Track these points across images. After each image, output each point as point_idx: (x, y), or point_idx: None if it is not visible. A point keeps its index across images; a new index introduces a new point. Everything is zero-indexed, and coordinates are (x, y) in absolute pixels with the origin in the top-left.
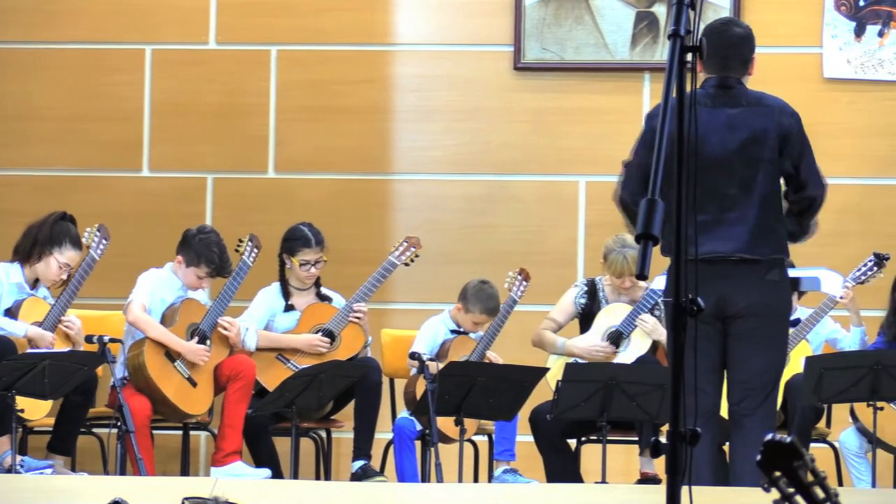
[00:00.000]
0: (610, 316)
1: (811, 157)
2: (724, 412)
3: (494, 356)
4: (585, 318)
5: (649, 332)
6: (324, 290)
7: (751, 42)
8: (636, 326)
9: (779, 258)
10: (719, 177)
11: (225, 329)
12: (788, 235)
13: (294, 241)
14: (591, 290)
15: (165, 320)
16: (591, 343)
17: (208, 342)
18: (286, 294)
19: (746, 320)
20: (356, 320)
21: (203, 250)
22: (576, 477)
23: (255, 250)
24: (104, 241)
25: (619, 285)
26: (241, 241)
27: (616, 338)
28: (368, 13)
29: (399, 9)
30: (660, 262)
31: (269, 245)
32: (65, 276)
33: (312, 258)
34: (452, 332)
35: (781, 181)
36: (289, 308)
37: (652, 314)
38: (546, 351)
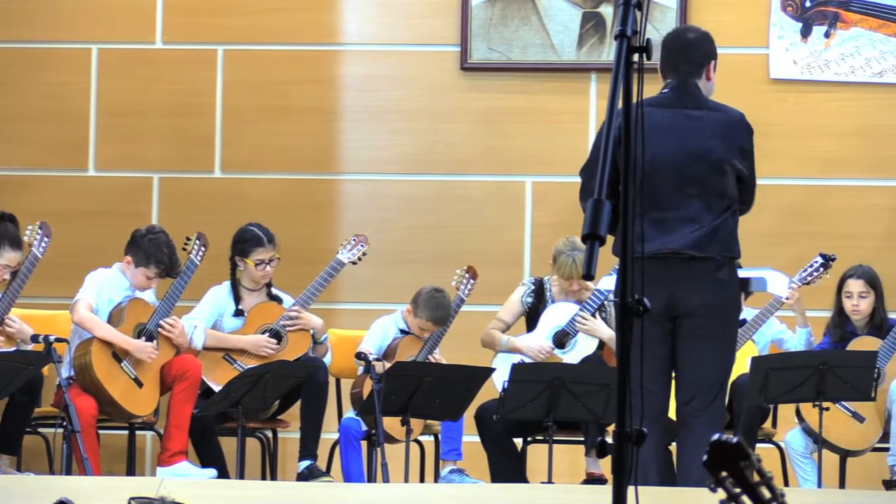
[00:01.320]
0: (556, 315)
1: (753, 166)
2: (671, 412)
3: (438, 358)
4: (531, 316)
5: (588, 331)
6: (274, 291)
7: (704, 46)
8: None
9: (729, 257)
10: (672, 176)
11: (168, 329)
12: None
13: (246, 242)
14: (538, 290)
15: (112, 320)
16: (535, 343)
17: (155, 341)
18: (237, 298)
19: (696, 319)
20: (290, 324)
21: (152, 251)
22: (521, 477)
23: (203, 249)
24: (46, 239)
25: (567, 288)
26: (188, 239)
27: (562, 338)
28: (316, 13)
29: (346, 9)
30: (607, 262)
31: (217, 245)
32: (7, 277)
33: (266, 257)
34: (402, 331)
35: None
36: (238, 313)
37: (599, 314)
38: (491, 349)
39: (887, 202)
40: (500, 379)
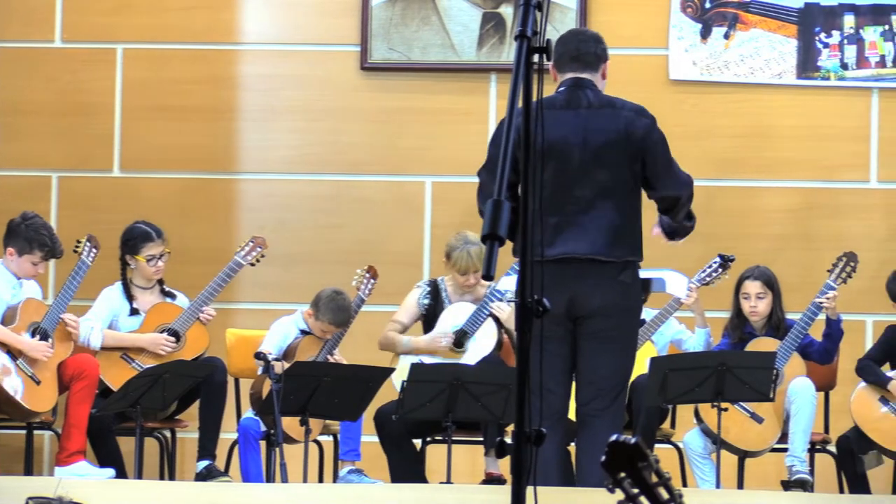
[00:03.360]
0: (454, 315)
1: (670, 158)
2: (570, 413)
3: (338, 358)
4: (429, 319)
5: (505, 320)
6: (168, 289)
7: (599, 42)
8: (480, 325)
9: (632, 260)
10: (573, 178)
11: (71, 327)
12: (667, 234)
13: (135, 239)
14: (434, 291)
15: (6, 321)
16: (433, 334)
17: (50, 340)
18: (130, 297)
19: (598, 321)
20: (207, 317)
21: (32, 235)
22: (420, 477)
23: (94, 250)
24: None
25: (463, 283)
26: (79, 241)
27: (460, 337)
28: (215, 12)
29: (246, 8)
30: (505, 262)
31: (117, 243)
32: None
33: (157, 251)
34: (302, 332)
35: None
36: (133, 312)
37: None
38: (393, 352)
39: (785, 203)
40: (399, 379)
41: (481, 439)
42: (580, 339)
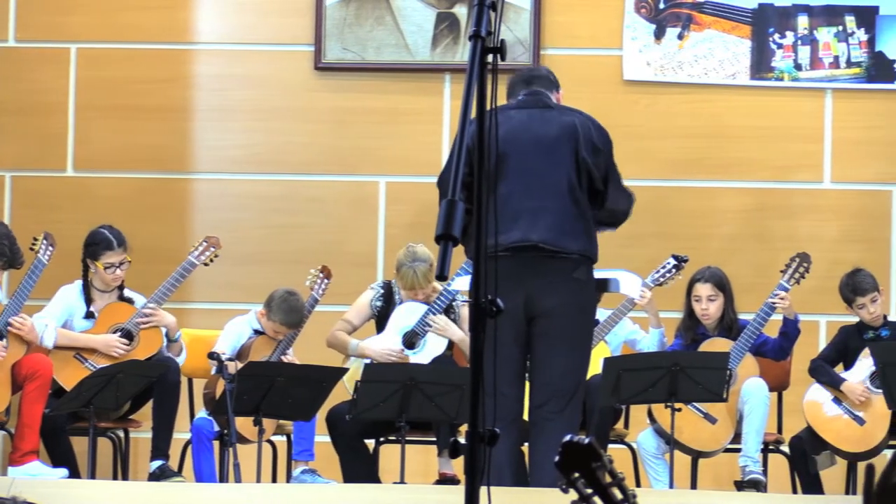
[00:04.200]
0: (405, 316)
1: (615, 171)
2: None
3: (292, 357)
4: (381, 320)
5: (441, 332)
6: (127, 293)
7: (551, 76)
8: (431, 327)
9: (586, 256)
10: (531, 170)
11: (18, 326)
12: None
13: (96, 245)
14: (388, 293)
15: None
16: (385, 346)
17: (4, 340)
18: (88, 299)
19: (552, 320)
20: (143, 321)
21: None
22: (374, 477)
23: (50, 248)
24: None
25: (411, 296)
26: (35, 239)
27: (411, 338)
28: (169, 12)
29: (199, 8)
30: (456, 262)
31: (71, 244)
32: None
33: (116, 260)
34: (256, 332)
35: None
36: (89, 315)
37: (447, 314)
38: (339, 352)
39: (737, 203)
40: (351, 380)
41: (435, 439)
42: (534, 338)
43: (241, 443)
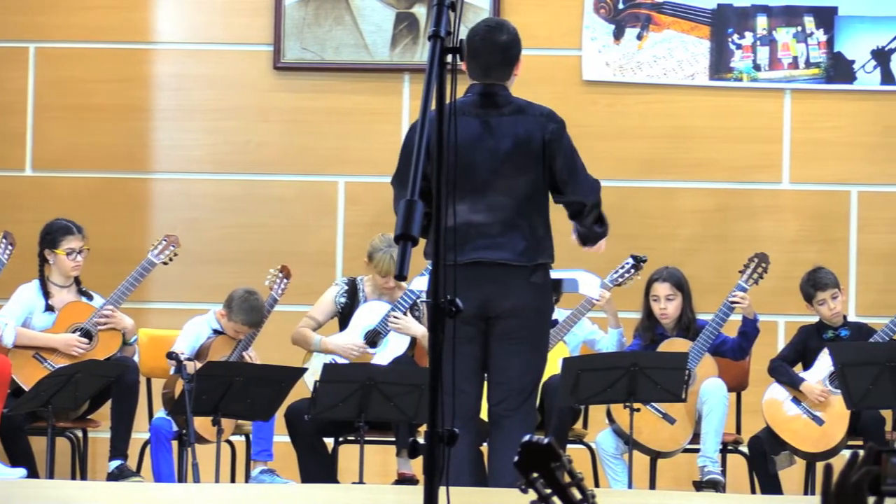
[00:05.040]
0: (367, 314)
1: (577, 163)
2: (483, 413)
3: (252, 356)
4: (345, 317)
5: (401, 329)
6: (85, 290)
7: (516, 47)
8: None
9: (543, 262)
10: (485, 183)
11: None
12: (580, 239)
13: (54, 233)
14: (352, 290)
15: None
16: (347, 341)
17: None
18: (46, 293)
19: (509, 321)
20: (102, 322)
21: None
22: (332, 477)
23: (10, 247)
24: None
25: (383, 284)
26: None
27: (373, 337)
28: (128, 11)
29: (158, 7)
30: (420, 262)
31: (30, 243)
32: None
33: (77, 246)
34: (215, 332)
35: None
36: (48, 308)
37: (412, 314)
38: (303, 348)
39: (697, 204)
40: (312, 378)
41: (393, 439)
42: (491, 339)
43: (199, 443)
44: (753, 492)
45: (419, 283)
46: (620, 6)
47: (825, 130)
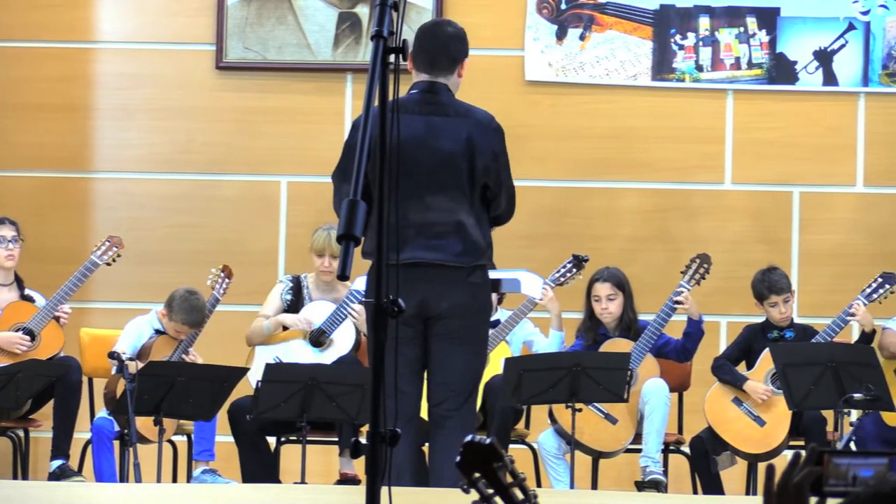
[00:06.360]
0: (313, 313)
1: (507, 175)
2: (424, 413)
3: (194, 356)
4: (291, 314)
5: (361, 324)
6: (28, 292)
7: (461, 43)
8: (339, 326)
9: (481, 263)
10: (424, 184)
11: None
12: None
13: None
14: (297, 287)
15: None
16: (300, 316)
17: None
18: None
19: (448, 321)
20: (63, 317)
21: None
22: (274, 477)
23: None
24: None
25: (319, 266)
26: None
27: (318, 336)
28: (70, 10)
29: (101, 7)
30: (362, 263)
31: None
32: None
33: (9, 234)
34: (157, 332)
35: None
36: None
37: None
38: (258, 340)
39: (639, 204)
40: (254, 378)
41: (336, 439)
42: (431, 340)
43: (141, 442)
44: (695, 492)
45: (361, 282)
46: (563, 6)
47: (767, 131)
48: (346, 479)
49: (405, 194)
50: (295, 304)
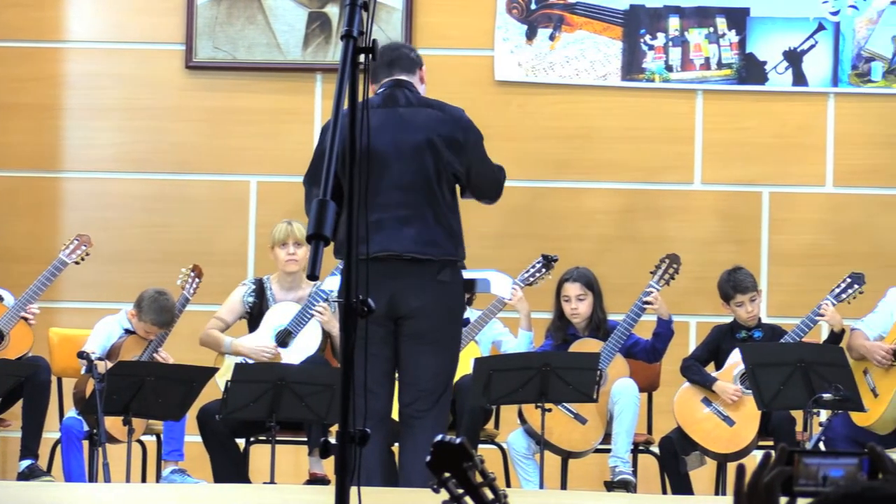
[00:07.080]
0: (278, 315)
1: (482, 161)
2: (394, 413)
3: (165, 355)
4: (254, 317)
5: (325, 323)
6: None
7: (412, 53)
8: (304, 326)
9: (451, 259)
10: (393, 176)
11: None
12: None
13: None
14: (259, 289)
15: None
16: (258, 343)
17: None
18: None
19: (418, 321)
20: (30, 317)
21: None
22: (244, 477)
23: None
24: None
25: (283, 257)
26: None
27: (284, 337)
28: (39, 10)
29: (70, 5)
30: (330, 262)
31: None
32: None
33: None
34: (126, 331)
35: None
36: None
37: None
38: (213, 350)
39: (608, 204)
40: (223, 378)
41: (305, 439)
42: (401, 339)
43: (110, 442)
44: (664, 492)
45: (329, 282)
46: (533, 6)
47: (737, 131)
48: (316, 479)
49: (373, 188)
50: (258, 306)
